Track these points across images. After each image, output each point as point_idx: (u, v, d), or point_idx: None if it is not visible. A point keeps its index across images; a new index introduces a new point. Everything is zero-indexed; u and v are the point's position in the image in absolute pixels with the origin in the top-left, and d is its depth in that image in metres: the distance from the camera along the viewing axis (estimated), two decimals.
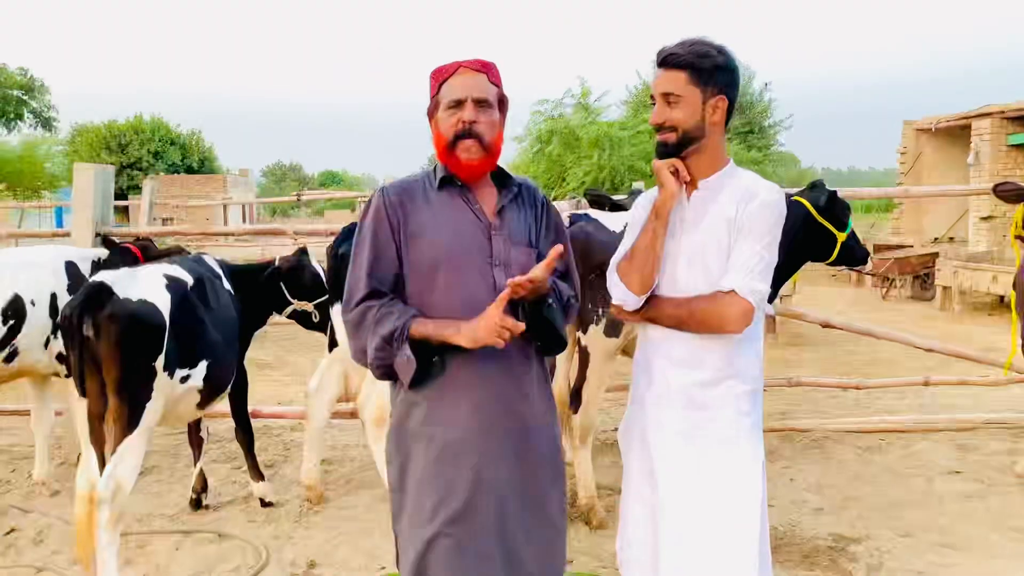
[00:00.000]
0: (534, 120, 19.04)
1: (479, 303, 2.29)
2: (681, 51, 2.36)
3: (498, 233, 2.40)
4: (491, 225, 2.40)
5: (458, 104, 2.33)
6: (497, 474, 2.32)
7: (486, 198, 2.44)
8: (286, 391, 7.83)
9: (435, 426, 2.33)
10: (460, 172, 2.37)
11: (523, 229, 2.46)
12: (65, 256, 4.73)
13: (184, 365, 3.82)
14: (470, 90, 2.33)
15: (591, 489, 4.38)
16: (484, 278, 2.35)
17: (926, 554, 4.00)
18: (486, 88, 2.36)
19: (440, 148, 2.38)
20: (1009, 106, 15.76)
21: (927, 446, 5.69)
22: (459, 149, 2.34)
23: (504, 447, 2.34)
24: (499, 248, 2.39)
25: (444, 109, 2.36)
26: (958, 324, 12.26)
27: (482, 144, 2.34)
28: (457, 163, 2.36)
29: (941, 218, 18.68)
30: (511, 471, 2.35)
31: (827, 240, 4.47)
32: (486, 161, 2.37)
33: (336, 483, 5.07)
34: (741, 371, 2.42)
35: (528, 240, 2.46)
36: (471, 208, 2.40)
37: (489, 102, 2.36)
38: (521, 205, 2.49)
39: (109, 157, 40.09)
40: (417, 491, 2.35)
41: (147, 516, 4.53)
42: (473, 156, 2.34)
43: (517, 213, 2.47)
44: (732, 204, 2.38)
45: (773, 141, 30.05)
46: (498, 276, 2.35)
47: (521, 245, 2.43)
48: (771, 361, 9.10)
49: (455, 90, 2.34)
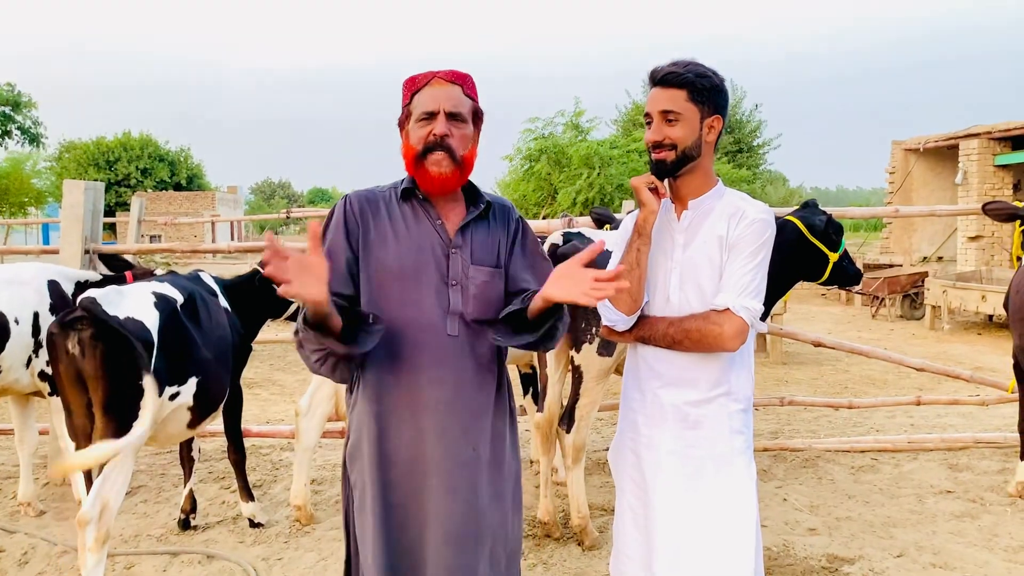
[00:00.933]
0: (524, 138, 19.11)
1: (430, 322, 2.24)
2: (680, 70, 2.35)
3: (458, 251, 2.30)
4: (450, 242, 2.31)
5: (430, 116, 2.25)
6: (443, 506, 2.24)
7: (451, 214, 2.35)
8: (274, 409, 7.78)
9: (382, 453, 2.26)
10: (429, 186, 2.28)
11: (489, 248, 2.36)
12: (48, 275, 4.68)
13: (173, 382, 3.78)
14: (443, 102, 2.25)
15: (584, 509, 4.34)
16: (438, 297, 2.27)
17: (920, 574, 3.98)
18: (460, 101, 2.28)
19: (408, 160, 2.29)
20: (996, 126, 15.93)
21: (919, 465, 5.69)
22: (429, 162, 2.24)
23: (454, 475, 2.26)
24: (457, 267, 2.29)
25: (415, 120, 2.27)
26: (947, 343, 12.31)
27: (453, 158, 2.25)
28: (426, 176, 2.26)
29: (929, 237, 18.81)
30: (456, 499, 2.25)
31: (819, 260, 4.48)
32: (456, 175, 2.28)
33: (326, 503, 5.01)
34: (734, 389, 2.42)
35: (495, 260, 2.36)
36: (432, 224, 2.31)
37: (463, 116, 2.28)
38: (491, 224, 2.40)
39: (97, 174, 40.05)
40: (363, 523, 2.29)
41: (134, 536, 4.47)
42: (444, 169, 2.25)
43: (485, 231, 2.37)
44: (723, 223, 2.38)
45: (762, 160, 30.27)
46: (453, 296, 2.27)
47: (483, 265, 2.33)
48: (763, 380, 9.14)
49: (427, 102, 2.25)
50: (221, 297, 4.44)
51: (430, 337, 2.25)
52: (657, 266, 2.46)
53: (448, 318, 2.27)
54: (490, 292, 2.34)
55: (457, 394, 2.27)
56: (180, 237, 33.12)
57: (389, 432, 2.26)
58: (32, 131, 37.72)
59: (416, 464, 2.24)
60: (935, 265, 17.32)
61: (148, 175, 42.92)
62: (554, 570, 4.03)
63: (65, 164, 41.52)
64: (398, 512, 2.25)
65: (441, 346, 2.25)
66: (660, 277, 2.45)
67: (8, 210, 33.28)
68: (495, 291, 2.35)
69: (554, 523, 4.44)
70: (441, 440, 2.24)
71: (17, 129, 37.39)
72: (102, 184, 6.00)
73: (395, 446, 2.25)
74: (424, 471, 2.24)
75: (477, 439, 2.30)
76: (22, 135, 37.58)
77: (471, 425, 2.29)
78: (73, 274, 4.84)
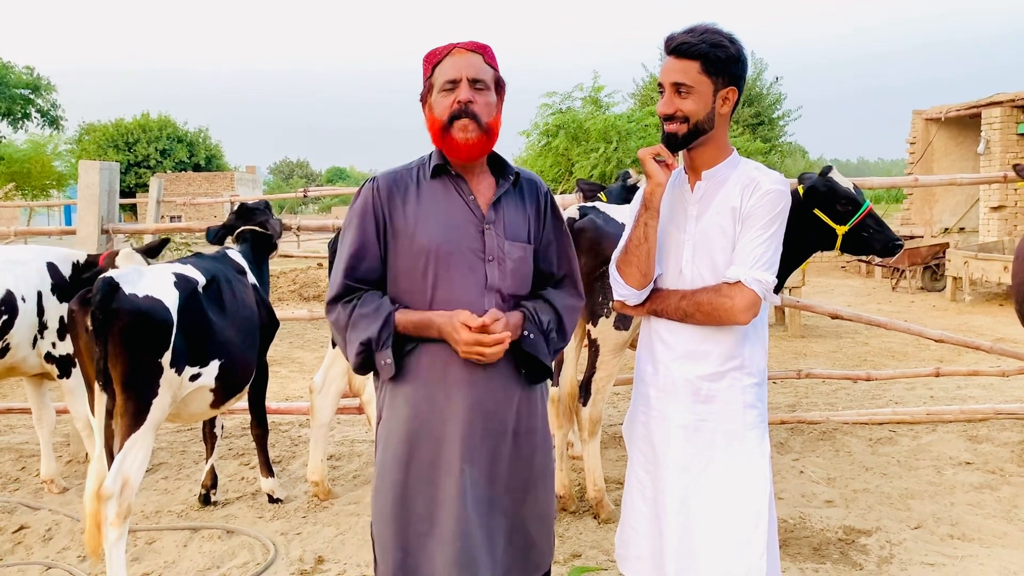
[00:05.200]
0: (541, 113, 18.97)
1: (469, 300, 2.23)
2: (694, 39, 2.29)
3: (492, 227, 2.30)
4: (484, 218, 2.30)
5: (453, 84, 2.24)
6: (473, 478, 2.25)
7: (482, 189, 2.34)
8: (293, 387, 7.86)
9: (415, 425, 2.26)
10: (457, 154, 2.26)
11: (520, 223, 2.36)
12: (46, 256, 4.76)
13: (194, 363, 3.81)
14: (465, 70, 2.24)
15: (600, 482, 4.36)
16: (475, 274, 2.27)
17: (937, 545, 3.97)
18: (482, 68, 2.27)
19: (435, 131, 2.27)
20: (1019, 94, 15.66)
21: (937, 437, 5.66)
22: (455, 129, 2.22)
23: (486, 451, 2.27)
24: (492, 243, 2.28)
25: (438, 91, 2.26)
26: (968, 315, 12.20)
27: (479, 124, 2.23)
28: (453, 145, 2.25)
29: (951, 208, 18.59)
30: (490, 476, 2.27)
31: (825, 230, 4.39)
32: (484, 142, 2.26)
33: (343, 478, 5.06)
34: (747, 363, 2.39)
35: (526, 235, 2.36)
36: (464, 199, 2.30)
37: (486, 83, 2.27)
38: (520, 198, 2.39)
39: (116, 155, 40.21)
40: (388, 494, 2.29)
41: (155, 513, 4.53)
42: (471, 136, 2.23)
43: (515, 206, 2.37)
44: (737, 194, 2.35)
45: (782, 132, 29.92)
46: (490, 272, 2.27)
47: (517, 240, 2.33)
48: (781, 353, 9.11)
49: (449, 70, 2.25)
50: (250, 274, 4.48)
51: None
52: (670, 238, 2.43)
53: (486, 294, 2.27)
54: (524, 268, 2.35)
55: (492, 371, 2.27)
56: (200, 217, 33.28)
57: (421, 410, 2.26)
58: (52, 114, 37.89)
59: (448, 440, 2.25)
60: (956, 236, 17.12)
61: (167, 156, 43.06)
62: (570, 543, 4.05)
63: (85, 146, 41.69)
64: (425, 488, 2.25)
65: None
66: (673, 250, 2.43)
67: (31, 193, 33.54)
68: (528, 266, 2.36)
69: (570, 496, 4.46)
70: (474, 416, 2.25)
71: (37, 112, 37.58)
72: (117, 164, 6.03)
73: (427, 424, 2.26)
74: (454, 447, 2.24)
75: (508, 414, 2.31)
76: (42, 118, 37.76)
77: (504, 401, 2.30)
78: (70, 255, 4.91)
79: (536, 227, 2.41)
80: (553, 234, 2.45)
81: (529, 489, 2.37)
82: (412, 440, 2.27)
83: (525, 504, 2.36)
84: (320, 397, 4.68)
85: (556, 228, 2.46)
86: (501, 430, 2.30)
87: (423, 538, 2.25)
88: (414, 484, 2.26)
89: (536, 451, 2.38)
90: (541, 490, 2.40)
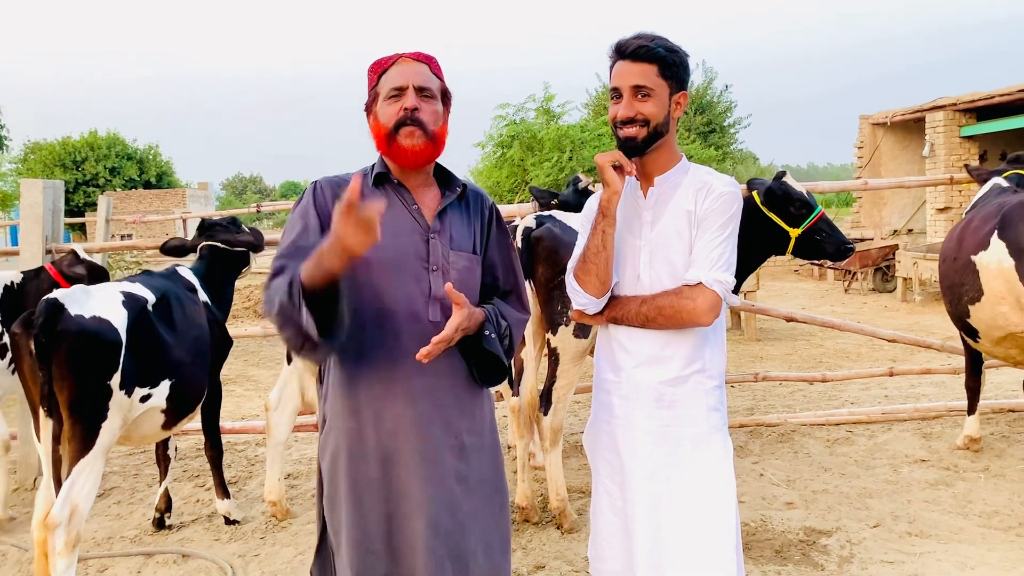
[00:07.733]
0: (495, 125, 19.01)
1: (414, 309, 2.19)
2: (650, 44, 2.30)
3: (437, 236, 2.26)
4: (430, 227, 2.26)
5: (399, 92, 2.21)
6: (426, 495, 2.18)
7: (427, 199, 2.30)
8: (248, 405, 7.72)
9: (358, 447, 2.19)
10: (403, 161, 2.23)
11: (466, 234, 2.33)
12: None
13: (144, 384, 3.71)
14: (412, 78, 2.22)
15: (563, 492, 4.34)
16: (419, 283, 2.21)
17: (896, 543, 4.01)
18: (428, 78, 2.25)
19: (380, 139, 2.23)
20: (961, 98, 16.03)
21: (893, 436, 5.74)
22: (401, 136, 2.19)
23: (437, 465, 2.20)
24: (437, 252, 2.24)
25: (384, 99, 2.23)
26: (919, 314, 12.44)
27: (425, 132, 2.20)
28: (399, 151, 2.20)
29: (899, 210, 18.94)
30: (440, 489, 2.20)
31: (779, 233, 4.45)
32: (430, 149, 2.23)
33: (302, 497, 4.97)
34: (708, 366, 2.39)
35: (471, 246, 2.33)
36: (408, 209, 2.26)
37: (432, 92, 2.25)
38: (466, 210, 2.37)
39: (64, 174, 39.38)
40: (336, 517, 2.23)
41: (107, 539, 4.41)
42: (417, 142, 2.19)
43: (461, 217, 2.34)
44: (691, 198, 2.35)
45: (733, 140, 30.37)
46: (434, 281, 2.22)
47: (462, 251, 2.30)
48: (737, 356, 9.19)
49: (396, 78, 2.22)
50: (201, 291, 4.37)
51: (410, 325, 2.19)
52: (625, 244, 2.43)
53: (430, 304, 2.22)
54: (470, 278, 2.30)
55: (438, 382, 2.22)
56: (151, 235, 32.70)
57: (366, 424, 2.19)
58: None
59: (396, 455, 2.18)
60: (905, 238, 17.48)
61: (116, 174, 42.23)
62: (534, 555, 4.02)
63: (31, 165, 40.76)
64: (377, 504, 2.19)
65: (421, 333, 2.16)
66: (629, 255, 2.42)
67: None
68: (474, 277, 2.33)
69: (533, 507, 4.43)
70: (423, 429, 2.19)
71: None
72: (61, 183, 5.89)
73: (373, 438, 2.19)
74: (405, 462, 2.18)
75: (459, 426, 2.25)
76: None
77: (453, 412, 2.25)
78: (2, 276, 4.77)
79: (481, 240, 2.38)
80: (498, 248, 2.42)
81: (488, 507, 2.32)
82: (357, 457, 2.20)
83: (486, 527, 2.30)
84: (276, 415, 4.59)
85: (501, 242, 2.44)
86: (456, 445, 2.25)
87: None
88: (368, 514, 2.19)
89: (489, 468, 2.34)
90: (498, 507, 2.36)
